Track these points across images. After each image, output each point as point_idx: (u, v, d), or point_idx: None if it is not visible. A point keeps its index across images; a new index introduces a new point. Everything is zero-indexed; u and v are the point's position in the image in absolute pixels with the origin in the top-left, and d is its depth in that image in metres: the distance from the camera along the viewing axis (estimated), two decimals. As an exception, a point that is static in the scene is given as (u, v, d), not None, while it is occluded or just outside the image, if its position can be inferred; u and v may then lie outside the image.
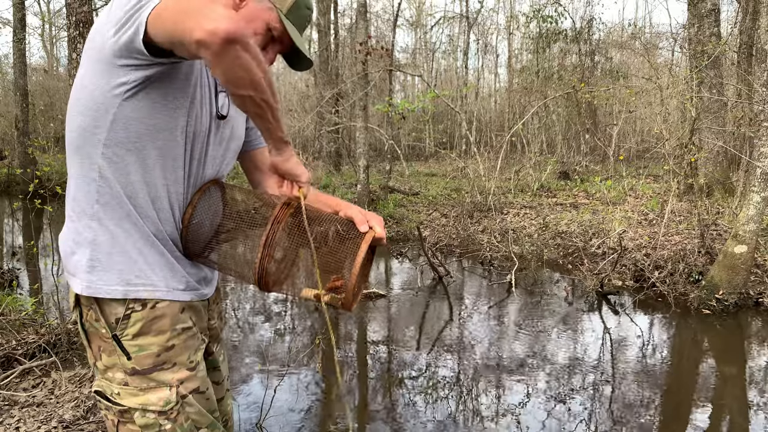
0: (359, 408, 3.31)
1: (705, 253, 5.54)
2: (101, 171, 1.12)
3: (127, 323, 1.15)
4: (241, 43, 0.92)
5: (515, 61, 19.72)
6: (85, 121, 1.09)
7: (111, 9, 1.05)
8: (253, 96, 1.01)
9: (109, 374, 1.17)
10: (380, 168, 13.01)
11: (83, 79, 1.09)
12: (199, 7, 0.90)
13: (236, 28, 0.90)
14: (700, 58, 7.71)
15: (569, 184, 11.30)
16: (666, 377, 3.76)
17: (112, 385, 1.17)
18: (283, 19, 1.17)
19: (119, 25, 1.01)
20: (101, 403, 1.19)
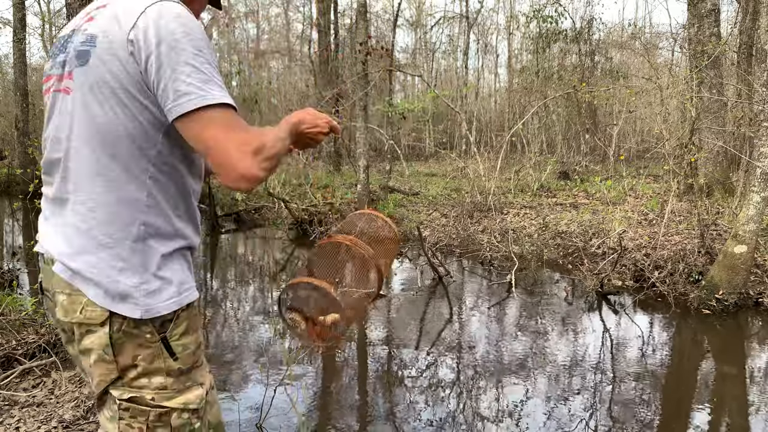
0: (359, 408, 3.31)
1: (705, 253, 5.54)
2: (152, 192, 1.16)
3: (177, 324, 1.18)
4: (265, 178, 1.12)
5: (515, 61, 19.72)
6: (133, 146, 1.13)
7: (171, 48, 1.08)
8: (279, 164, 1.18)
9: (143, 381, 1.16)
10: (380, 168, 13.02)
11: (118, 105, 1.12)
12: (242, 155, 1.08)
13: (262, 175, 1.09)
14: (700, 58, 7.71)
15: (569, 184, 11.30)
16: (666, 377, 3.76)
17: (143, 391, 1.16)
18: None
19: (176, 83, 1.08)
20: (133, 409, 1.16)
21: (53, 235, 1.18)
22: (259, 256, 7.65)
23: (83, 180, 1.14)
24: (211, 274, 6.63)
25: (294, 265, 7.13)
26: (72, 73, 1.14)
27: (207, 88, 1.08)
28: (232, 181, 1.08)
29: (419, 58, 22.94)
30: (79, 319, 1.13)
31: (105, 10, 1.14)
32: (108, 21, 1.11)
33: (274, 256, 7.58)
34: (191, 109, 1.06)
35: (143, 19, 1.08)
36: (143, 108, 1.11)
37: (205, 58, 1.10)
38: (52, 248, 1.17)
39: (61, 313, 1.15)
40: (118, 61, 1.09)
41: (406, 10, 24.39)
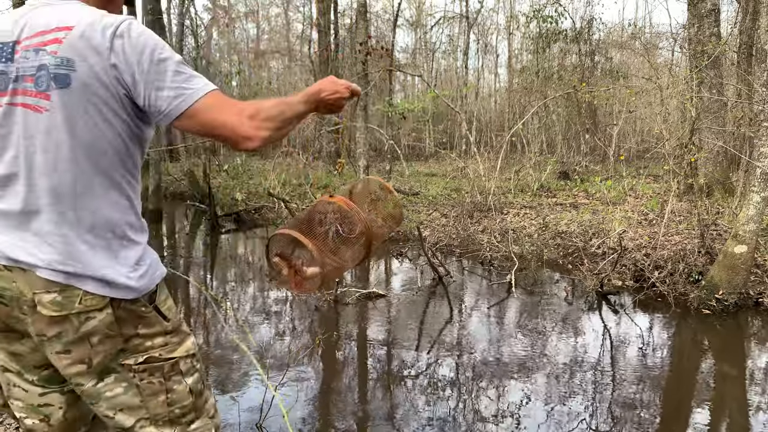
0: (359, 408, 3.31)
1: (705, 253, 5.54)
2: (128, 195, 1.34)
3: (159, 294, 1.40)
4: (272, 138, 1.30)
5: (515, 61, 19.73)
6: (115, 156, 1.29)
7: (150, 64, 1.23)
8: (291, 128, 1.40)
9: (148, 344, 1.34)
10: (380, 168, 13.02)
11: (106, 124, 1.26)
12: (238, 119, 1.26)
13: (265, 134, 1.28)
14: (700, 58, 7.71)
15: (569, 184, 11.30)
16: (666, 377, 3.76)
17: (151, 351, 1.34)
18: None
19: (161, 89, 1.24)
20: (149, 368, 1.34)
21: (27, 246, 1.25)
22: (259, 256, 7.65)
23: (65, 191, 1.24)
24: (211, 274, 6.63)
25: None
26: (48, 94, 1.21)
27: (191, 84, 1.25)
28: (241, 144, 1.26)
29: (419, 58, 22.94)
30: (78, 309, 1.24)
31: (71, 34, 1.21)
32: (82, 46, 1.21)
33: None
34: (187, 108, 1.23)
35: (119, 43, 1.21)
36: (124, 123, 1.27)
37: (176, 60, 1.26)
38: (28, 257, 1.24)
39: (48, 310, 1.23)
40: (102, 85, 1.21)
41: (406, 10, 24.40)
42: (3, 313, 1.28)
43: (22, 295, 1.25)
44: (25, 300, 1.25)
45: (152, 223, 10.06)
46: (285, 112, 1.34)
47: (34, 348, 1.33)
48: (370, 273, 6.76)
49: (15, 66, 1.24)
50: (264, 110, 1.29)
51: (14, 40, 1.25)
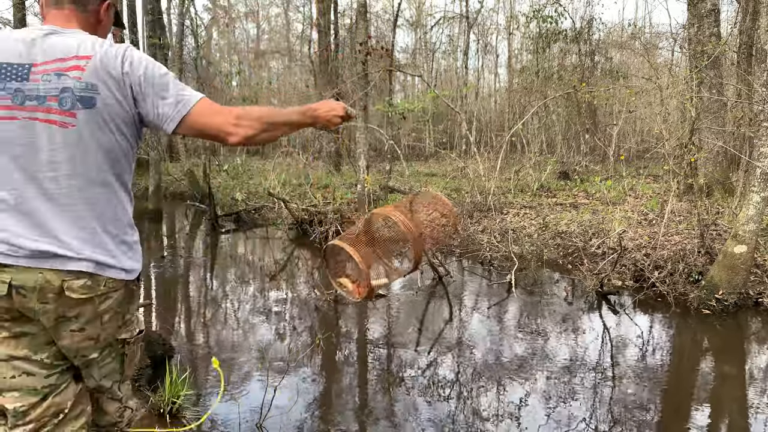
0: (359, 408, 3.32)
1: (705, 253, 5.54)
2: (131, 195, 1.62)
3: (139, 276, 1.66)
4: (256, 137, 1.56)
5: (515, 61, 19.72)
6: (125, 163, 1.56)
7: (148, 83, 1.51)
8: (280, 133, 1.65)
9: (134, 317, 1.66)
10: (380, 168, 13.01)
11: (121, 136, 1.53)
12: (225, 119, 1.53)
13: (248, 132, 1.54)
14: (700, 58, 7.71)
15: (569, 184, 11.30)
16: (666, 377, 3.76)
17: (138, 325, 1.69)
18: (117, 11, 1.73)
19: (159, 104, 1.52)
20: (137, 339, 1.68)
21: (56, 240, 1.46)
22: (259, 256, 7.65)
23: (90, 192, 1.49)
24: (211, 274, 6.63)
25: (294, 265, 7.13)
26: (75, 113, 1.44)
27: (186, 94, 1.53)
28: (226, 139, 1.54)
29: (419, 58, 22.93)
30: (102, 291, 1.50)
31: (91, 62, 1.46)
32: (102, 73, 1.47)
33: (274, 256, 7.58)
34: (187, 111, 1.51)
35: (128, 65, 1.49)
36: (132, 135, 1.55)
37: (172, 74, 1.55)
38: (59, 250, 1.45)
39: (77, 293, 1.46)
40: (118, 103, 1.48)
41: (406, 10, 24.39)
42: (19, 302, 1.45)
43: (48, 284, 1.44)
44: (52, 288, 1.44)
45: (152, 223, 10.07)
46: (273, 117, 1.59)
47: (43, 328, 1.50)
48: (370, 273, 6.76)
49: (33, 85, 1.44)
50: (251, 113, 1.55)
51: (30, 63, 1.46)
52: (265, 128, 1.55)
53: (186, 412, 3.12)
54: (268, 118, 1.57)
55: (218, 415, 3.16)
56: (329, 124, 1.72)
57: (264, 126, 1.55)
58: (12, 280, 1.42)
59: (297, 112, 1.67)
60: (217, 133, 1.53)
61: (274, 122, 1.58)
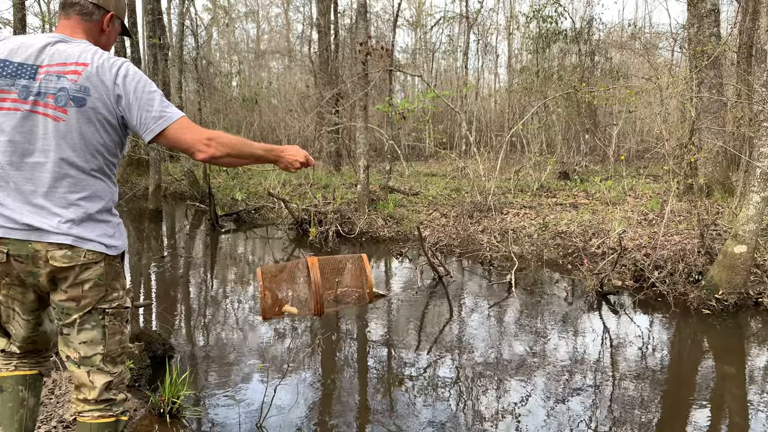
0: (359, 408, 3.32)
1: (705, 253, 5.54)
2: (114, 182, 1.86)
3: (123, 256, 1.90)
4: (220, 158, 1.80)
5: (515, 62, 19.71)
6: (108, 156, 1.81)
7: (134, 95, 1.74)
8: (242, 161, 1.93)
9: (116, 294, 1.84)
10: (380, 168, 13.01)
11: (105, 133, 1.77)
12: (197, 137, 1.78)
13: (214, 152, 1.78)
14: (700, 58, 7.71)
15: (569, 184, 11.30)
16: (666, 377, 3.76)
17: (118, 300, 1.85)
18: (124, 22, 1.99)
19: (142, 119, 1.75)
20: (117, 313, 1.84)
21: (43, 217, 1.70)
22: (259, 256, 7.65)
23: (77, 177, 1.74)
24: (211, 274, 6.63)
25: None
26: (66, 109, 1.70)
27: (169, 111, 1.76)
28: (195, 154, 1.78)
29: (419, 58, 22.92)
30: (82, 261, 1.74)
31: (88, 69, 1.71)
32: (96, 80, 1.71)
33: (274, 256, 7.58)
34: (167, 125, 1.75)
35: (120, 78, 1.73)
36: (116, 134, 1.80)
37: (160, 92, 1.78)
38: (44, 225, 1.70)
39: (59, 262, 1.71)
40: (105, 107, 1.73)
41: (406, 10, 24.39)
42: (20, 268, 1.74)
43: (37, 253, 1.70)
44: (41, 256, 1.70)
45: (152, 223, 10.07)
46: (239, 146, 1.83)
47: (33, 299, 1.85)
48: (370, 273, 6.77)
49: (37, 84, 1.70)
50: (221, 138, 1.80)
51: (37, 64, 1.72)
52: (229, 153, 1.80)
53: (186, 412, 3.12)
54: (235, 146, 1.82)
55: (218, 415, 3.16)
56: (290, 167, 1.97)
57: (229, 151, 1.80)
58: (9, 251, 1.71)
59: (263, 148, 1.91)
60: (188, 148, 1.77)
61: (240, 151, 1.83)
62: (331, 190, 10.14)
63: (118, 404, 1.90)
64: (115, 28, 1.93)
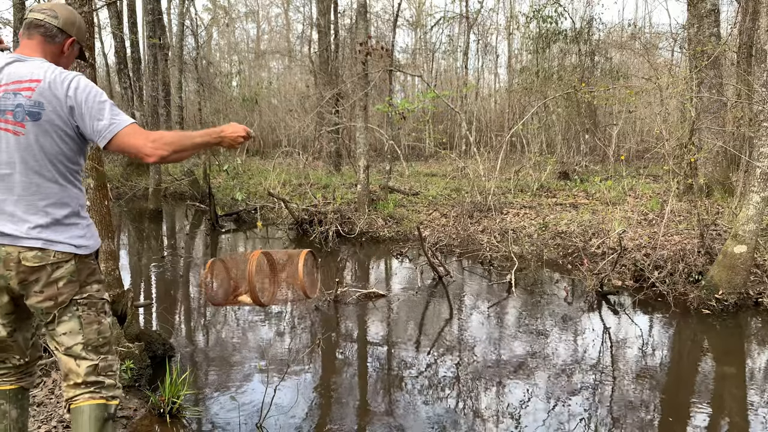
0: (359, 408, 3.32)
1: (705, 253, 5.54)
2: (79, 187, 1.98)
3: (98, 255, 2.06)
4: (172, 154, 1.90)
5: (515, 62, 19.71)
6: (69, 164, 1.94)
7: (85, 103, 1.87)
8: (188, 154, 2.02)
9: (91, 288, 1.99)
10: (380, 168, 13.01)
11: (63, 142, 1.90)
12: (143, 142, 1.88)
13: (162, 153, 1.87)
14: (700, 58, 7.71)
15: (569, 184, 11.30)
16: (666, 377, 3.76)
17: (92, 293, 1.99)
18: (83, 46, 2.14)
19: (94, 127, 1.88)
20: (90, 304, 1.98)
21: (14, 223, 1.85)
22: (259, 256, 7.64)
23: (41, 185, 1.88)
24: (211, 275, 6.62)
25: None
26: (24, 124, 1.83)
27: (119, 118, 1.88)
28: (143, 159, 1.88)
29: (419, 59, 22.92)
30: (52, 260, 1.89)
31: (40, 85, 1.84)
32: (49, 95, 1.84)
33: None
34: (117, 132, 1.86)
35: (72, 90, 1.86)
36: (73, 143, 1.92)
37: (110, 102, 1.90)
38: (14, 231, 1.84)
39: (30, 262, 1.86)
40: (60, 119, 1.86)
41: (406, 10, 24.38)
42: None
43: (9, 256, 1.84)
44: (12, 258, 1.84)
45: (152, 223, 10.07)
46: (182, 140, 1.92)
47: (7, 302, 1.94)
48: (370, 273, 6.77)
49: (10, 106, 1.83)
50: (164, 138, 1.89)
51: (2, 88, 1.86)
52: (175, 150, 1.89)
53: (186, 412, 3.12)
54: (178, 141, 1.91)
55: (218, 415, 3.16)
56: (234, 143, 2.04)
57: (175, 148, 1.89)
58: None
59: (205, 133, 2.01)
60: (136, 152, 1.87)
61: (183, 145, 1.92)
62: (331, 190, 10.13)
63: (107, 388, 2.00)
64: (73, 51, 2.09)
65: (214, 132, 2.02)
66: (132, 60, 15.05)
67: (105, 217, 3.60)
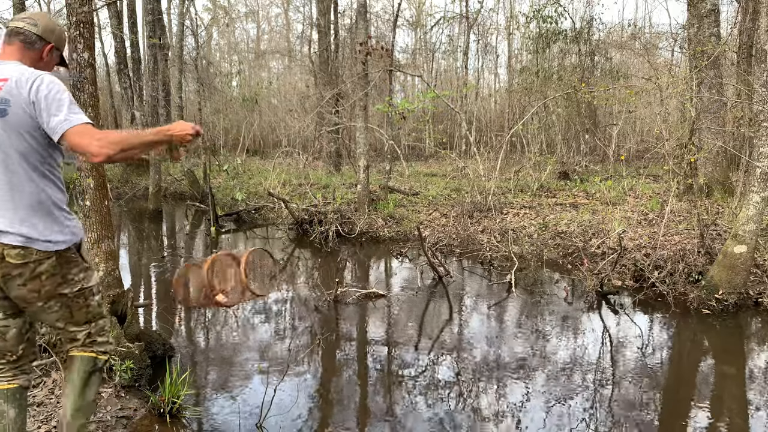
0: (359, 408, 3.32)
1: (705, 253, 5.54)
2: (54, 181, 2.05)
3: (81, 246, 2.16)
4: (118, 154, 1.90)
5: (515, 62, 19.71)
6: (42, 160, 2.00)
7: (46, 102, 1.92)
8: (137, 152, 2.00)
9: (76, 278, 2.11)
10: (380, 168, 13.01)
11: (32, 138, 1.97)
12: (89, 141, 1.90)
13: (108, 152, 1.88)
14: (700, 58, 7.71)
15: (569, 184, 11.30)
16: (666, 377, 3.76)
17: (78, 282, 2.11)
18: (62, 54, 2.24)
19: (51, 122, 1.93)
20: (79, 294, 2.12)
21: None
22: (260, 256, 7.64)
23: (15, 182, 1.96)
24: (211, 274, 6.62)
25: (294, 265, 7.13)
26: None
27: (74, 116, 1.92)
28: (89, 158, 1.92)
29: (419, 59, 22.91)
30: (35, 258, 1.98)
31: (8, 83, 1.93)
32: (15, 92, 1.92)
33: (274, 256, 7.58)
34: (68, 128, 1.89)
35: (35, 87, 1.93)
36: (43, 137, 1.96)
37: (70, 99, 1.95)
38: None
39: (14, 259, 1.95)
40: (26, 114, 1.93)
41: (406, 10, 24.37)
42: None
43: None
44: None
45: (152, 223, 10.07)
46: (128, 140, 1.93)
47: None
48: (370, 273, 6.77)
49: None
50: (109, 136, 1.91)
51: None
52: (122, 149, 1.90)
53: (186, 412, 3.12)
54: (125, 141, 1.92)
55: (218, 415, 3.16)
56: (183, 140, 2.07)
57: (121, 147, 1.90)
58: None
59: (153, 132, 2.03)
60: (83, 151, 1.90)
61: (130, 143, 1.92)
62: (331, 190, 10.13)
63: (99, 344, 2.23)
64: (53, 57, 2.18)
65: (162, 130, 2.05)
66: (132, 60, 15.04)
67: (105, 217, 3.60)
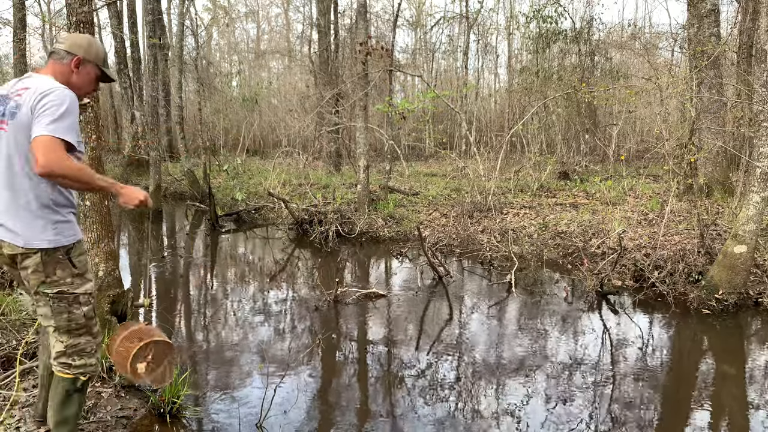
0: (359, 408, 3.32)
1: (705, 253, 5.54)
2: (50, 184, 2.13)
3: (74, 250, 2.22)
4: (58, 176, 2.00)
5: (515, 62, 19.71)
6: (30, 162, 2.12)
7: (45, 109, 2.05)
8: (79, 186, 2.16)
9: (60, 281, 2.18)
10: (380, 168, 13.01)
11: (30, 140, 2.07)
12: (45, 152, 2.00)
13: (52, 169, 1.97)
14: (700, 58, 7.71)
15: (569, 184, 11.30)
16: (666, 377, 3.76)
17: (62, 286, 2.19)
18: (101, 67, 2.38)
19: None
20: (60, 297, 2.20)
21: None
22: (259, 256, 7.65)
23: (14, 181, 2.12)
24: (211, 274, 6.63)
25: (294, 265, 7.13)
26: (6, 122, 2.13)
27: (51, 127, 2.01)
28: (35, 166, 1.99)
29: (419, 59, 22.92)
30: (22, 252, 2.13)
31: (27, 92, 2.11)
32: (27, 99, 2.09)
33: (274, 256, 7.58)
34: (36, 136, 2.01)
35: (42, 95, 2.07)
36: None
37: (68, 112, 2.06)
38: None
39: (7, 249, 2.14)
40: (28, 118, 2.06)
41: (406, 10, 24.39)
42: None
43: None
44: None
45: (152, 223, 10.07)
46: (79, 173, 2.04)
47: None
48: (370, 273, 6.77)
49: (2, 108, 2.15)
50: (65, 161, 2.00)
51: (8, 93, 2.17)
52: (65, 175, 2.00)
53: (186, 412, 3.12)
54: (77, 172, 2.03)
55: (218, 415, 3.16)
56: (128, 203, 2.25)
57: (66, 173, 1.99)
58: None
59: (105, 180, 2.21)
60: (36, 157, 1.99)
61: (78, 176, 2.04)
62: (331, 190, 10.13)
63: (75, 367, 2.28)
64: (87, 70, 2.32)
65: (115, 185, 2.23)
66: (132, 60, 15.04)
67: (105, 217, 3.60)
